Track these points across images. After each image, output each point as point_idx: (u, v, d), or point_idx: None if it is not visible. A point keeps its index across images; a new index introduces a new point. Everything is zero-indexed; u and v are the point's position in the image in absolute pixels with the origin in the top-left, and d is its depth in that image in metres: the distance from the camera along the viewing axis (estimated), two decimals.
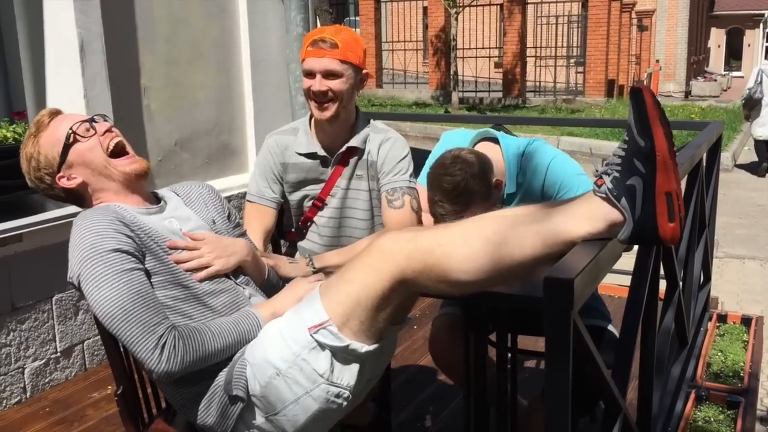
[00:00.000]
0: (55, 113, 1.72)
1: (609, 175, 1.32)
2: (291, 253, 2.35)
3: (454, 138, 2.30)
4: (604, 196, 1.31)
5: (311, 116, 2.22)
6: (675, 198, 1.27)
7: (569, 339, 1.16)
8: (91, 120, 1.70)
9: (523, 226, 1.34)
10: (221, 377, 1.57)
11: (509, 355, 2.09)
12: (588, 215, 1.31)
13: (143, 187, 1.74)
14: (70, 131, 1.65)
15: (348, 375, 1.47)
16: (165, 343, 1.47)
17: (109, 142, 1.68)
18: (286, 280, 1.91)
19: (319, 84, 2.06)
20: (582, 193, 1.40)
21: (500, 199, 2.10)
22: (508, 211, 1.58)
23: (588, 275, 1.20)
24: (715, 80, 26.38)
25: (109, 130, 1.69)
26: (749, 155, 11.70)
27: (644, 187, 1.28)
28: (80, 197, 1.71)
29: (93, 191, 1.69)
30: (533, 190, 2.14)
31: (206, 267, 1.65)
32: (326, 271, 2.01)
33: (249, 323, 1.60)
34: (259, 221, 2.20)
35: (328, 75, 2.06)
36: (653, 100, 1.29)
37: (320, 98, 2.08)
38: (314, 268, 2.03)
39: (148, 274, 1.55)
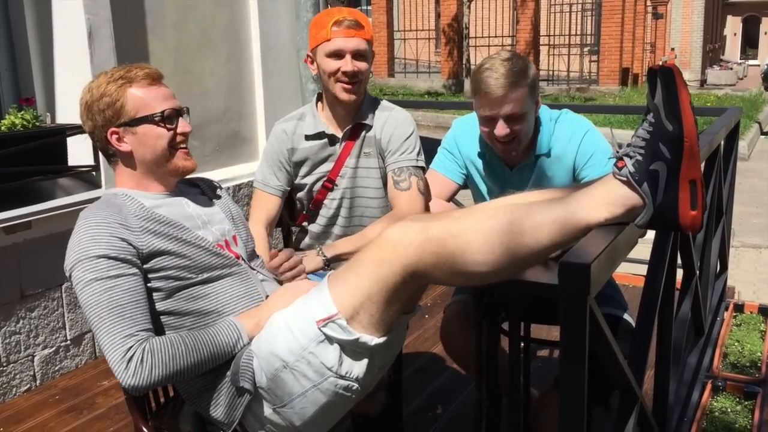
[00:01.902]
0: (158, 78, 1.63)
1: (631, 158, 1.27)
2: (300, 237, 2.32)
3: (466, 123, 2.25)
4: (624, 179, 1.27)
5: (318, 99, 2.20)
6: (699, 186, 1.24)
7: (585, 326, 1.13)
8: (180, 114, 1.65)
9: (539, 214, 1.30)
10: (229, 368, 1.54)
11: (522, 344, 2.06)
12: (607, 200, 1.28)
13: (175, 180, 1.70)
14: (161, 113, 1.59)
15: (357, 368, 1.44)
16: (132, 356, 1.43)
17: (178, 141, 1.64)
18: None
19: (351, 65, 2.04)
20: (600, 177, 1.36)
21: (531, 129, 2.07)
22: (520, 198, 1.55)
23: (605, 260, 1.16)
24: (731, 69, 26.17)
25: (185, 134, 1.65)
26: None
27: (668, 173, 1.24)
28: (112, 156, 1.65)
29: (129, 164, 1.63)
30: (567, 154, 2.13)
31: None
32: (335, 263, 1.98)
33: (228, 334, 1.53)
34: (262, 208, 2.21)
35: (358, 55, 2.05)
36: (684, 83, 1.25)
37: (351, 78, 2.06)
38: (325, 257, 2.00)
39: (146, 276, 1.51)
